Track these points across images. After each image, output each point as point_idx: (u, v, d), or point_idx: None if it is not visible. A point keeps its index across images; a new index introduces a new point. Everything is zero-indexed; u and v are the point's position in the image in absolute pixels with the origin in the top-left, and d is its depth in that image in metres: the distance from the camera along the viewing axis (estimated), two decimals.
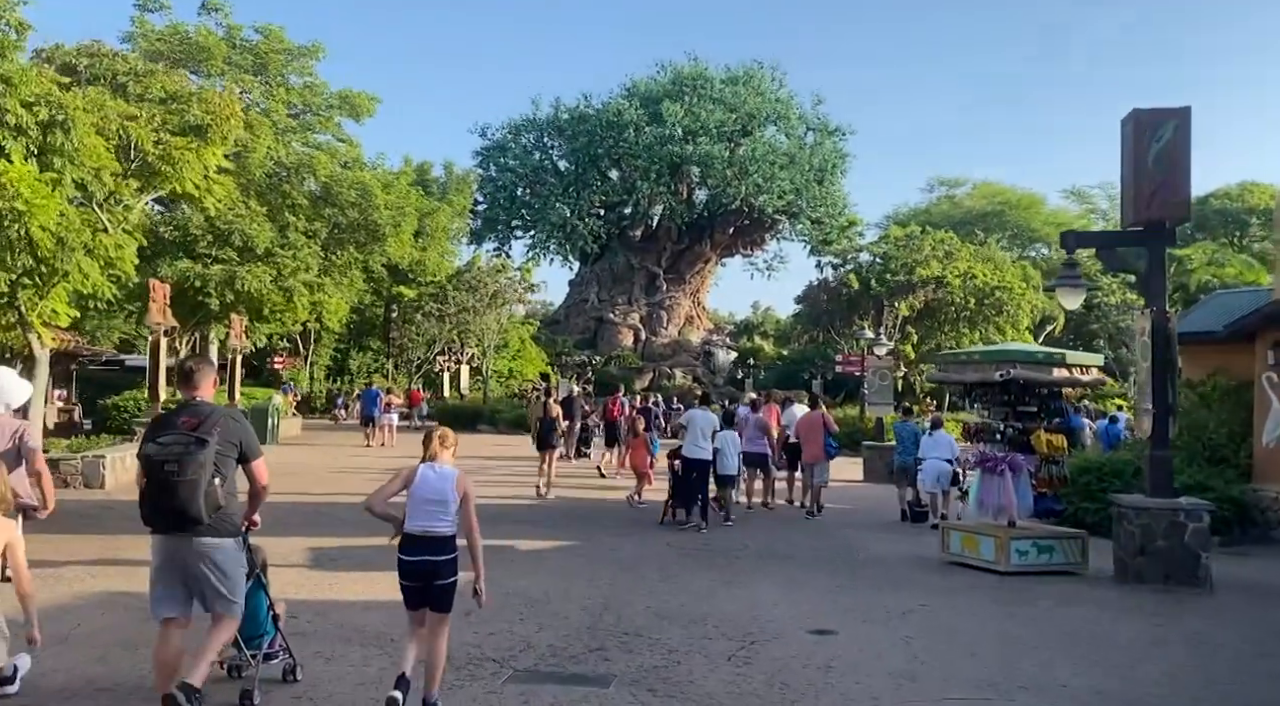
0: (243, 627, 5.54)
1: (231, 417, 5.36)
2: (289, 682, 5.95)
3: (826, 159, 60.67)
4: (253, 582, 5.66)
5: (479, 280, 36.94)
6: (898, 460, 15.47)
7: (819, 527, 14.30)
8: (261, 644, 5.75)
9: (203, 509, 4.94)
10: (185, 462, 4.92)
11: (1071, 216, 58.65)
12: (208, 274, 24.53)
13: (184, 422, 5.08)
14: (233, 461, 5.23)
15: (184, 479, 4.90)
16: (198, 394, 5.34)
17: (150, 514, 5.06)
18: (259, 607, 5.76)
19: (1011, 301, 36.84)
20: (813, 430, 15.55)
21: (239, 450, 5.26)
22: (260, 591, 5.80)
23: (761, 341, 63.27)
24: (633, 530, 13.40)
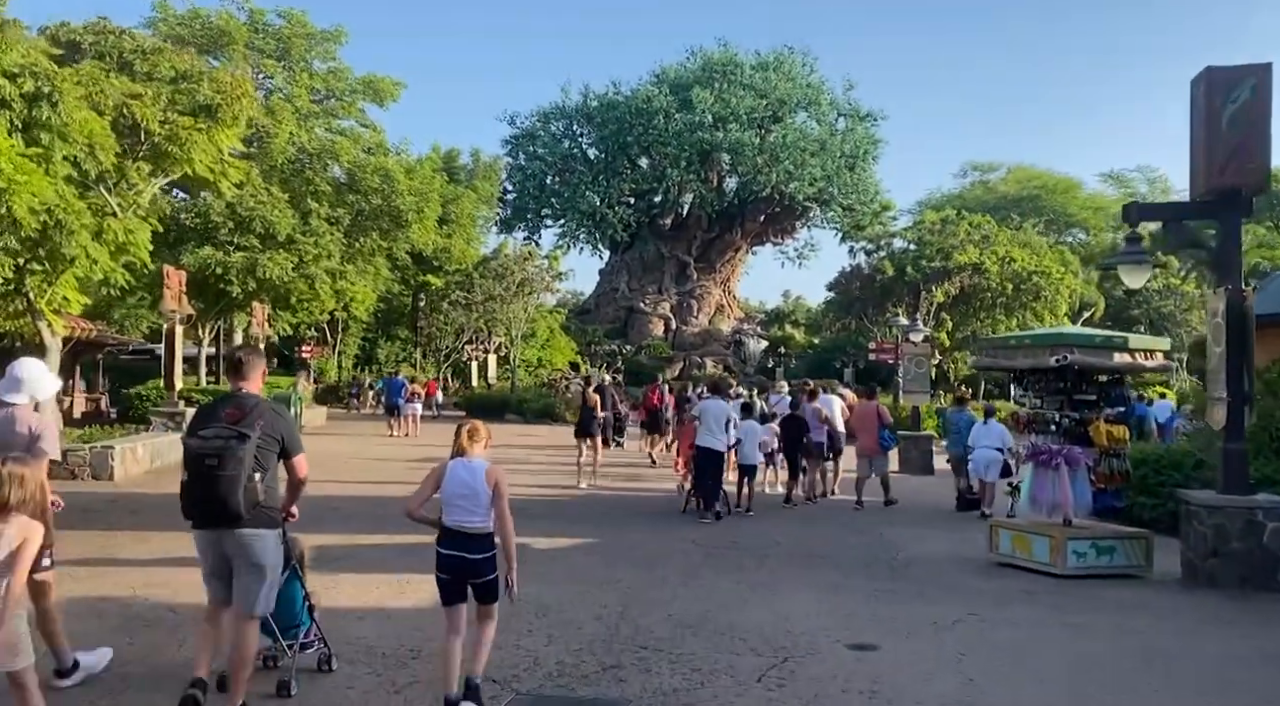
0: (279, 617, 5.51)
1: (275, 411, 5.24)
2: (324, 672, 5.89)
3: (858, 145, 59.39)
4: (289, 573, 5.61)
5: (506, 268, 36.13)
6: (953, 450, 14.91)
7: (853, 523, 13.34)
8: (298, 634, 5.72)
9: (242, 504, 4.86)
10: (226, 457, 4.84)
11: (1109, 200, 56.93)
12: (229, 261, 23.91)
13: (227, 415, 5.01)
14: (274, 456, 5.14)
15: (224, 473, 4.83)
16: (245, 385, 5.24)
17: (190, 507, 4.99)
18: (295, 597, 5.71)
19: (1050, 286, 35.49)
20: (867, 422, 14.98)
21: (280, 444, 5.16)
22: (296, 581, 5.73)
23: (792, 330, 62.15)
24: (657, 525, 12.54)
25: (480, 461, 5.37)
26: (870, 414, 15.10)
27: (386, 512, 11.83)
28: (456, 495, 5.28)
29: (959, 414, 15.39)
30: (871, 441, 14.88)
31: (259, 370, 5.44)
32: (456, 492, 5.28)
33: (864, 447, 15.01)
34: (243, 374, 5.27)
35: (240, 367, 5.29)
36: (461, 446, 5.40)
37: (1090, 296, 39.43)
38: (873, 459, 14.95)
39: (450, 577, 5.30)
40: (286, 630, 5.64)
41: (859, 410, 15.61)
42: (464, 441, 5.41)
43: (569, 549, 10.78)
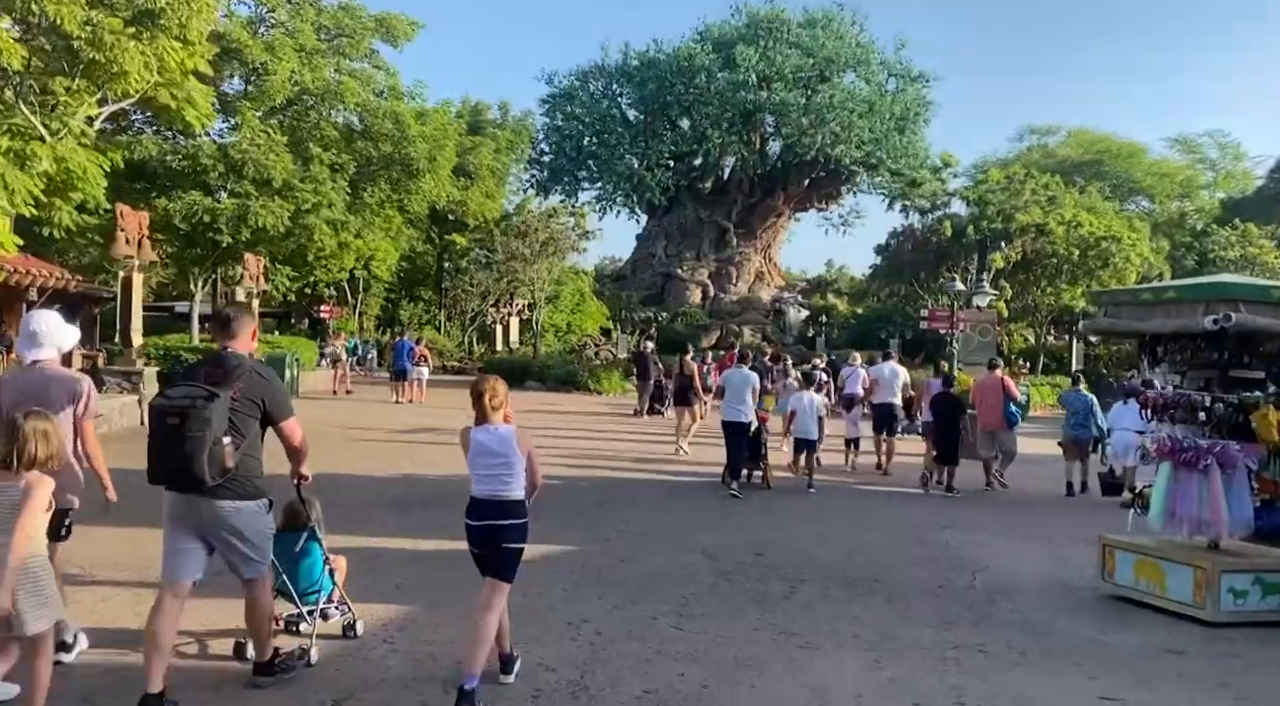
0: (298, 582, 5.35)
1: (259, 373, 4.73)
2: (349, 638, 5.57)
3: (908, 107, 55.64)
4: (307, 535, 5.41)
5: (529, 225, 33.33)
6: (1068, 432, 13.54)
7: (911, 524, 10.44)
8: (318, 599, 5.46)
9: (205, 469, 4.31)
10: (190, 416, 4.32)
11: (1177, 167, 52.84)
12: (218, 208, 21.38)
13: (206, 375, 4.57)
14: (253, 421, 4.61)
15: (187, 434, 4.30)
16: (232, 344, 4.77)
17: (153, 470, 4.46)
18: (315, 560, 5.48)
19: (1120, 253, 31.92)
20: (990, 395, 13.41)
21: (262, 409, 4.64)
22: (315, 544, 5.48)
23: (835, 299, 58.82)
24: (665, 524, 9.74)
25: (507, 427, 4.97)
26: (994, 386, 13.42)
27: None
28: (486, 464, 4.90)
29: (1076, 395, 13.78)
30: (996, 417, 13.24)
31: (248, 329, 4.92)
32: (486, 462, 4.90)
33: (988, 424, 13.35)
34: (230, 332, 4.80)
35: (228, 325, 4.84)
36: (485, 411, 4.94)
37: (1159, 267, 35.69)
38: (997, 435, 13.36)
39: (485, 551, 4.93)
40: (306, 595, 5.40)
41: (982, 382, 13.94)
42: (486, 406, 4.93)
43: (538, 562, 7.98)
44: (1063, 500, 13.30)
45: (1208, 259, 39.46)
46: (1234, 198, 49.26)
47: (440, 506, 9.91)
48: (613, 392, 28.95)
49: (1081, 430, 13.42)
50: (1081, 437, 13.43)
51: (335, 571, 5.61)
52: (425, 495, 10.88)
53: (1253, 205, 45.15)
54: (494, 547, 4.88)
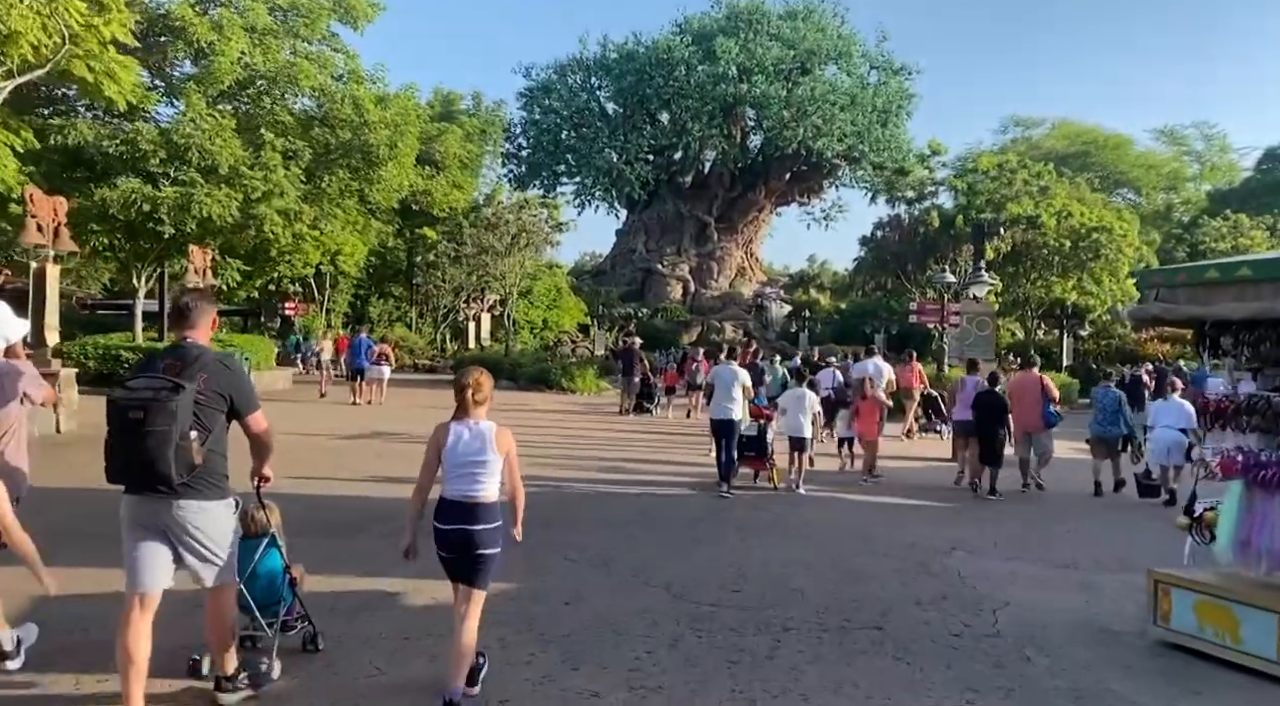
0: (257, 595, 4.94)
1: (223, 364, 4.42)
2: (310, 652, 5.18)
3: (890, 99, 54.35)
4: (267, 543, 5.06)
5: (499, 217, 31.63)
6: (1095, 430, 12.84)
7: (919, 546, 8.93)
8: (279, 611, 5.02)
9: (172, 465, 4.01)
10: (153, 410, 4.02)
11: (1163, 159, 51.65)
12: (159, 196, 19.66)
13: (166, 367, 4.24)
14: (219, 415, 4.32)
15: (151, 429, 4.00)
16: (191, 334, 4.43)
17: (113, 469, 4.16)
18: (275, 571, 5.08)
19: (1111, 244, 30.53)
20: (1027, 394, 12.73)
21: (229, 402, 4.34)
22: (275, 553, 5.09)
23: (817, 294, 57.43)
24: (629, 551, 8.18)
25: (487, 424, 4.63)
26: (1032, 384, 12.86)
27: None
28: (462, 463, 4.56)
29: (1105, 391, 13.03)
30: (1035, 416, 12.58)
31: (208, 318, 4.54)
32: (463, 460, 4.56)
33: (1025, 423, 12.59)
34: (189, 321, 4.43)
35: (186, 314, 4.44)
36: (466, 406, 4.61)
37: (1148, 258, 34.36)
38: (1034, 436, 12.66)
39: (454, 555, 4.58)
40: (266, 607, 4.99)
41: (1018, 380, 13.32)
42: (469, 402, 4.60)
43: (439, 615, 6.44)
44: (1087, 504, 11.98)
45: (1198, 251, 38.29)
46: (1221, 190, 48.18)
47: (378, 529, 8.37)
48: (587, 391, 27.36)
49: (1111, 427, 12.71)
50: (1111, 435, 12.73)
51: (296, 581, 5.17)
52: (357, 517, 9.31)
53: (1240, 197, 44.04)
54: (465, 553, 4.56)
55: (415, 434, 16.00)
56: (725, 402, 11.54)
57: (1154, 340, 36.70)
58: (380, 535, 8.45)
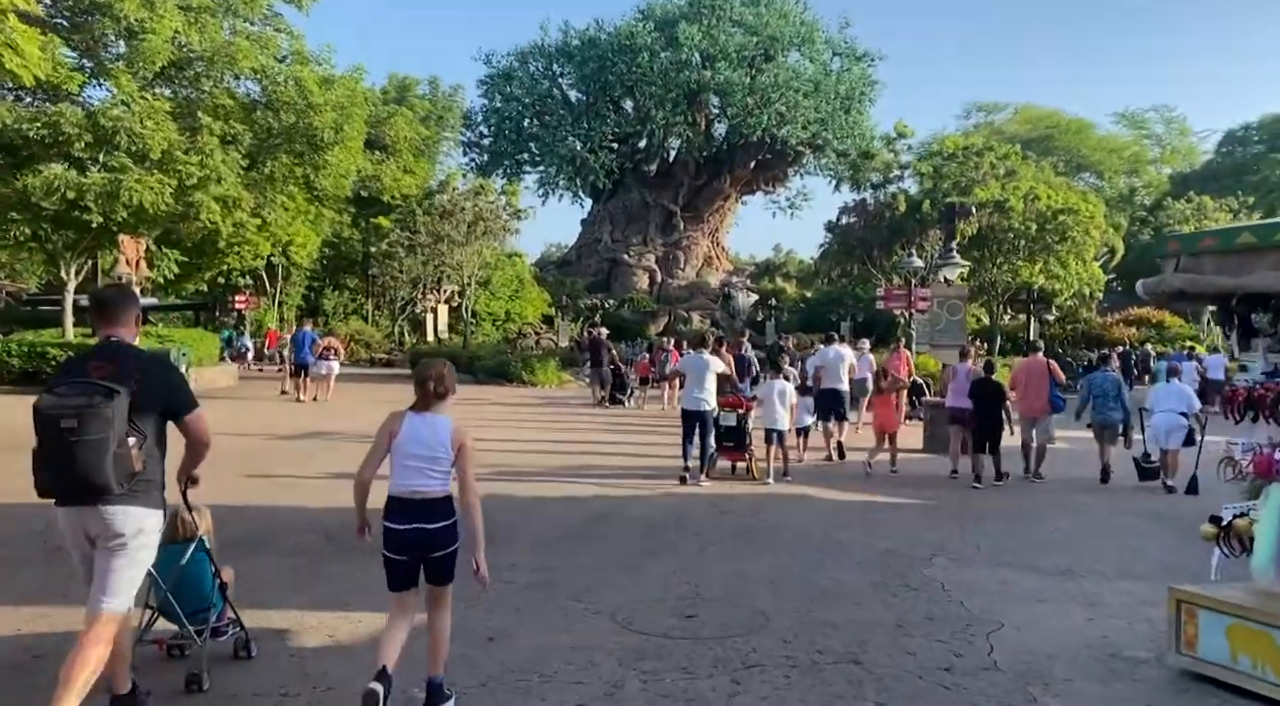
0: (185, 601, 4.60)
1: (156, 363, 4.24)
2: (242, 660, 4.90)
3: (854, 86, 53.54)
4: (195, 548, 4.67)
5: (454, 204, 30.36)
6: (1097, 417, 12.39)
7: (888, 558, 7.96)
8: (208, 618, 4.71)
9: (111, 475, 3.69)
10: (88, 418, 3.68)
11: (1124, 142, 51.28)
12: (84, 183, 18.30)
13: (94, 369, 3.86)
14: (156, 418, 3.97)
15: (86, 438, 3.67)
16: (116, 331, 4.04)
17: (45, 482, 3.80)
18: (203, 576, 4.75)
19: (1078, 226, 29.85)
20: (1036, 378, 12.41)
21: (165, 403, 4.01)
22: (204, 557, 4.76)
23: (784, 283, 56.65)
24: (568, 567, 7.15)
25: (445, 418, 4.34)
26: (1040, 370, 12.51)
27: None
28: (413, 456, 4.23)
29: (1104, 375, 12.69)
30: (1041, 402, 12.30)
31: (131, 312, 4.13)
32: (413, 452, 4.23)
33: (1031, 409, 12.36)
34: (111, 317, 4.04)
35: (107, 309, 4.07)
36: (427, 399, 4.33)
37: (1111, 240, 33.78)
38: (1038, 421, 12.36)
39: (405, 558, 4.22)
40: (195, 614, 4.65)
41: (1026, 366, 13.00)
42: (430, 393, 4.32)
43: (361, 645, 5.33)
44: (1072, 497, 11.16)
45: (1163, 235, 37.84)
46: (1182, 173, 47.90)
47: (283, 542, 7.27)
48: (548, 384, 26.24)
49: (1111, 412, 12.27)
50: (1112, 421, 12.31)
51: (225, 586, 4.88)
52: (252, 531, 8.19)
53: (1201, 179, 43.69)
54: (424, 554, 4.26)
55: (353, 432, 14.84)
56: (696, 392, 11.16)
57: (1120, 324, 36.22)
58: (282, 553, 7.38)
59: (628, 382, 22.63)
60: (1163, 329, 35.08)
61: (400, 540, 4.20)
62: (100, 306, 4.16)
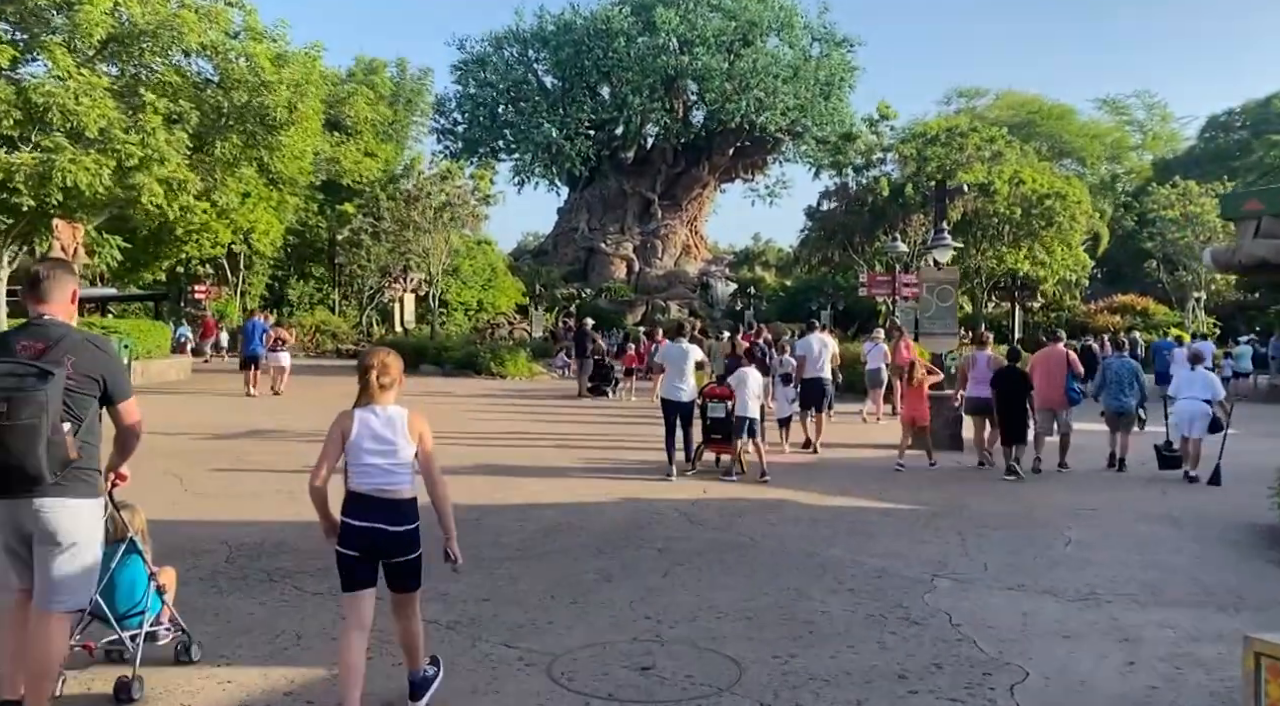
0: (115, 604, 4.33)
1: (93, 344, 3.79)
2: (184, 665, 4.55)
3: (833, 72, 52.61)
4: (125, 548, 4.37)
5: (420, 189, 29.00)
6: (1109, 404, 11.99)
7: (882, 581, 6.82)
8: (140, 622, 4.36)
9: (44, 464, 3.40)
10: (18, 402, 3.36)
11: (1106, 128, 50.40)
12: (12, 163, 16.88)
13: (23, 348, 3.56)
14: (92, 402, 3.69)
15: (18, 423, 3.35)
16: (49, 309, 3.72)
17: None
18: (136, 577, 4.45)
19: (1065, 211, 28.84)
20: (1054, 369, 11.92)
21: (101, 387, 3.71)
22: (136, 558, 4.46)
23: (762, 272, 55.58)
24: (503, 597, 5.96)
25: (397, 409, 3.99)
26: (1058, 359, 12.04)
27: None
28: (370, 453, 3.88)
29: (1120, 362, 12.23)
30: (1059, 393, 11.84)
31: (66, 290, 3.79)
32: (370, 450, 3.88)
33: (1048, 400, 11.82)
34: (43, 294, 3.70)
35: (39, 286, 3.71)
36: (372, 393, 3.94)
37: (1096, 226, 32.82)
38: (1056, 413, 11.90)
39: (360, 556, 3.87)
40: (125, 618, 4.38)
41: (1043, 356, 12.40)
42: (374, 386, 3.94)
43: None
44: (1079, 496, 10.04)
45: (1148, 219, 36.99)
46: (1165, 158, 47.11)
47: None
48: (518, 376, 24.99)
49: (1125, 400, 11.85)
50: (1126, 408, 11.89)
51: (163, 588, 4.52)
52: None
53: (1184, 165, 42.89)
54: (376, 558, 3.88)
55: (299, 431, 13.61)
56: (676, 382, 10.84)
57: (1104, 312, 35.33)
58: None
59: (612, 373, 21.60)
60: (1148, 316, 34.21)
61: (355, 535, 3.87)
62: (33, 283, 3.77)
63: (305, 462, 4.89)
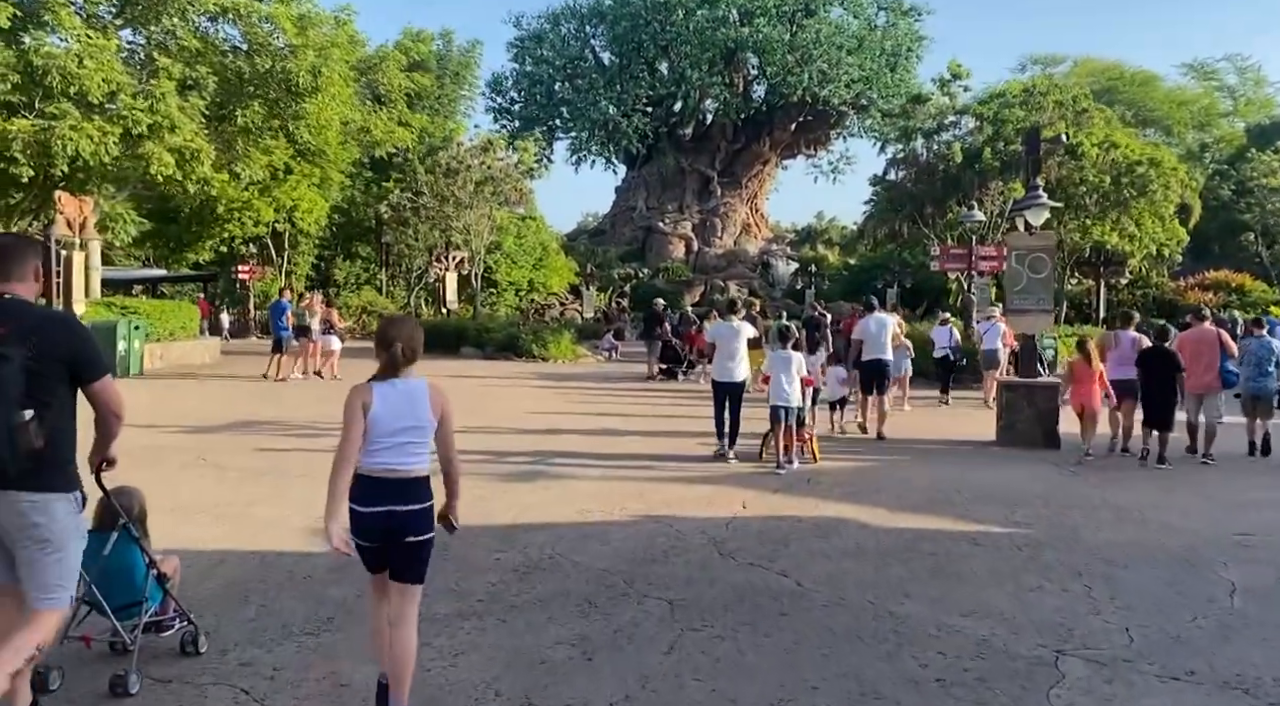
0: (112, 596, 3.97)
1: (58, 322, 3.49)
2: (190, 656, 4.19)
3: (900, 42, 49.60)
4: (120, 536, 4.03)
5: (459, 161, 27.20)
6: (1248, 387, 10.89)
7: (991, 667, 4.69)
8: (139, 613, 4.01)
9: (6, 454, 3.04)
10: None
11: (1194, 95, 46.48)
12: (8, 130, 15.45)
13: None
14: (60, 386, 3.28)
15: None
16: (9, 288, 3.32)
17: None
18: (134, 567, 4.08)
19: (1159, 179, 25.80)
20: (1205, 350, 10.66)
21: (69, 368, 3.28)
22: (133, 546, 4.09)
23: (825, 250, 52.86)
24: (459, 676, 4.03)
25: (419, 381, 3.62)
26: (1210, 340, 10.81)
27: None
28: (394, 431, 3.49)
29: (1258, 342, 10.99)
30: (1212, 376, 10.66)
31: (28, 265, 3.39)
32: (395, 427, 3.49)
33: (1200, 384, 10.60)
34: (6, 271, 3.30)
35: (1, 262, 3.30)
36: (393, 363, 3.56)
37: (1189, 197, 29.57)
38: (1207, 397, 10.63)
39: (376, 545, 3.52)
40: (123, 609, 4.02)
41: (1193, 336, 11.09)
42: (397, 358, 3.55)
43: None
44: (1236, 516, 7.64)
45: (1246, 188, 33.58)
46: (1260, 125, 43.13)
47: None
48: (560, 359, 23.08)
49: (1264, 381, 10.81)
50: (1265, 391, 10.84)
51: (165, 577, 4.21)
52: None
53: None
54: (394, 540, 3.51)
55: (291, 423, 11.90)
56: (727, 363, 10.20)
57: (1195, 288, 32.12)
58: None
59: (682, 355, 20.12)
60: (1243, 293, 30.91)
61: (368, 524, 3.47)
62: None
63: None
